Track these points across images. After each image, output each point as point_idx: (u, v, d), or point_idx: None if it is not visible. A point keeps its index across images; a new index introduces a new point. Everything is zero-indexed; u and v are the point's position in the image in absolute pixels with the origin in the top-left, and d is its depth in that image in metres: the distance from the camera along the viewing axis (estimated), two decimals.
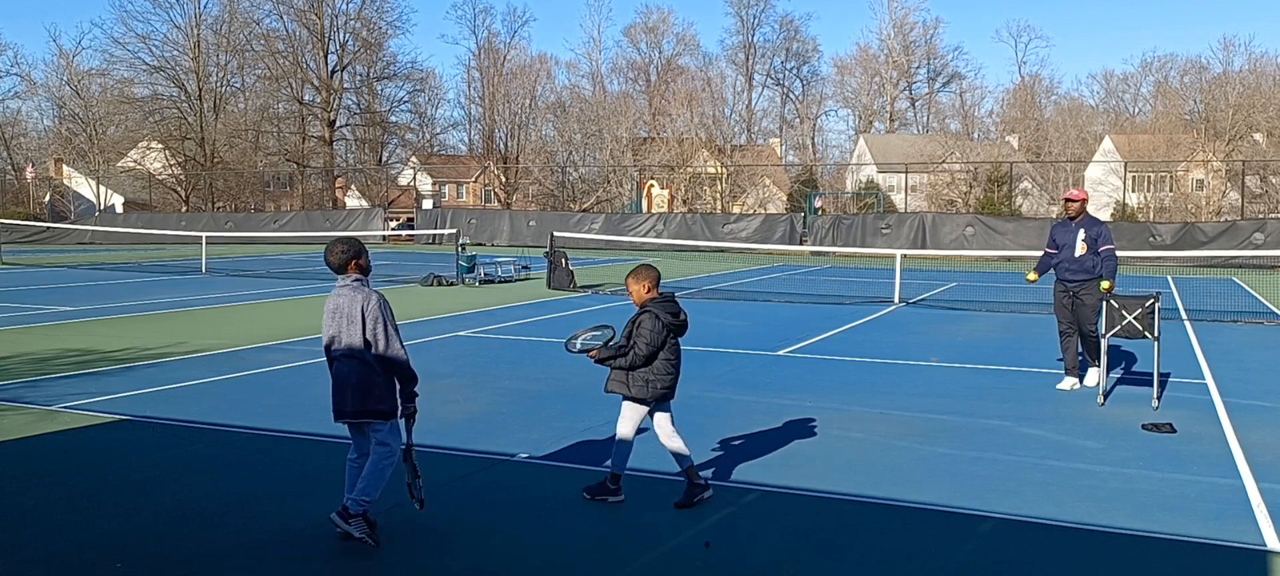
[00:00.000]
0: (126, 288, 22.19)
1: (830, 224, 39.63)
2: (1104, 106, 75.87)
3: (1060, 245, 10.16)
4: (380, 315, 5.34)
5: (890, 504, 6.26)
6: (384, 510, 6.07)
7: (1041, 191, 58.49)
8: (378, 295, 5.37)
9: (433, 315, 16.84)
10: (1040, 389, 10.24)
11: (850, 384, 10.52)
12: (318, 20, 62.77)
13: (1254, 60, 62.09)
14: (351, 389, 5.37)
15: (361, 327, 5.32)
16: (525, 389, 10.01)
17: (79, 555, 5.28)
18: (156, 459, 7.30)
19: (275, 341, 13.32)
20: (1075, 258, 9.99)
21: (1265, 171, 48.01)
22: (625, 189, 55.60)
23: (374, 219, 48.85)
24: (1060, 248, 10.16)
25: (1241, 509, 6.17)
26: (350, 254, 5.46)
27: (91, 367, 11.10)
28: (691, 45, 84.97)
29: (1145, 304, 9.09)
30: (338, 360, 5.42)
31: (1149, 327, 9.07)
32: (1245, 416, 8.83)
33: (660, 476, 6.82)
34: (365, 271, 5.48)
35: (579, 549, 5.48)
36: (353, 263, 5.45)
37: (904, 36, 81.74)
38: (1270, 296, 21.33)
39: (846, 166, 72.03)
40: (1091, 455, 7.48)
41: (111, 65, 64.95)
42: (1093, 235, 9.97)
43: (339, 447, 7.54)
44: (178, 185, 62.01)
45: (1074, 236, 10.03)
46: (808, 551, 5.43)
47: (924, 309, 18.54)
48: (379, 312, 5.34)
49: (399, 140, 70.04)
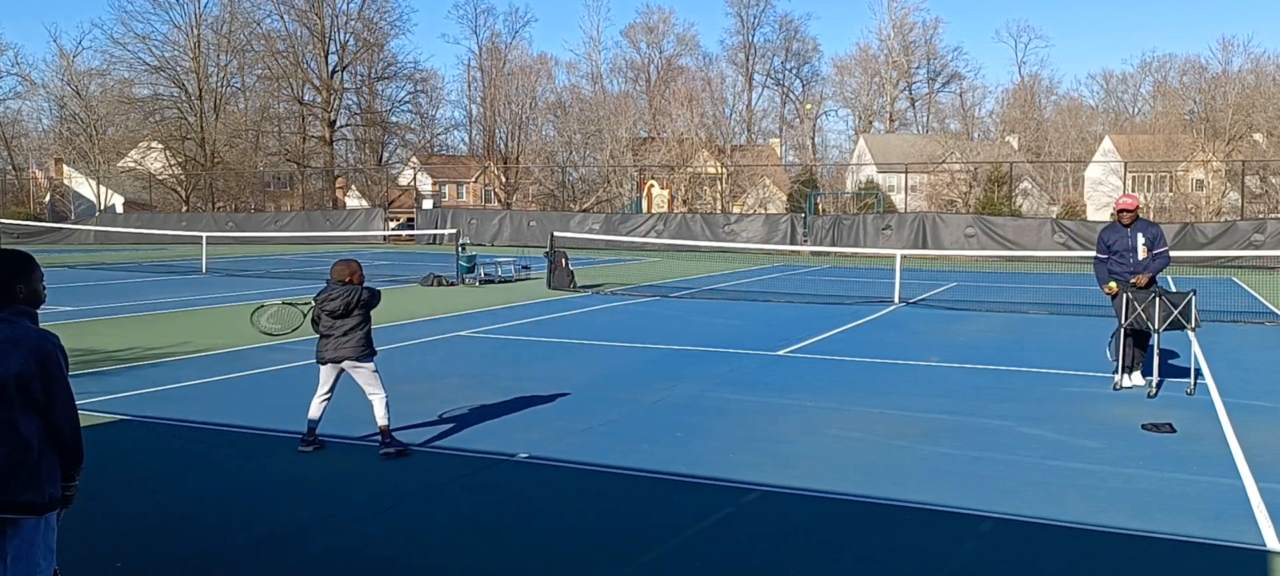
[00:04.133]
0: (127, 287, 22.19)
1: (830, 224, 39.63)
2: (1104, 106, 75.97)
3: (1116, 249, 10.39)
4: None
5: (890, 504, 6.27)
6: (384, 509, 6.08)
7: (1041, 191, 58.51)
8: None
9: (433, 315, 16.84)
10: (1040, 389, 10.24)
11: (850, 384, 10.52)
12: (318, 20, 62.76)
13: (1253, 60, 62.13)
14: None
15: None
16: (525, 389, 10.01)
17: (79, 554, 5.28)
18: (156, 459, 7.31)
19: (275, 341, 13.31)
20: (1139, 260, 10.27)
21: (1265, 171, 48.00)
22: (625, 189, 55.60)
23: (374, 219, 48.89)
24: (1116, 252, 10.39)
25: (1241, 509, 6.18)
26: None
27: (92, 367, 11.11)
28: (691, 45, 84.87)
29: (1186, 299, 9.83)
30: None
31: (1189, 319, 9.78)
32: (1245, 416, 8.84)
33: (660, 476, 6.83)
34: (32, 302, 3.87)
35: (579, 549, 5.48)
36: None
37: (904, 36, 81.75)
38: (1270, 296, 21.33)
39: (846, 166, 72.02)
40: (1091, 455, 7.48)
41: (112, 65, 65.08)
42: (1150, 237, 10.33)
43: (339, 448, 7.56)
44: (178, 185, 62.01)
45: (1134, 240, 10.32)
46: (807, 551, 5.43)
47: (924, 309, 18.54)
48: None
49: (399, 140, 70.11)
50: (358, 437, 7.83)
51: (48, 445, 3.78)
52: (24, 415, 3.71)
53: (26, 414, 3.71)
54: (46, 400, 3.73)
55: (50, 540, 3.81)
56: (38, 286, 3.88)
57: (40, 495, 3.73)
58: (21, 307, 3.82)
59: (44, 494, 3.75)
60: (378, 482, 6.65)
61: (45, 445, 3.77)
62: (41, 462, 3.75)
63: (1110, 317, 16.91)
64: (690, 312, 17.76)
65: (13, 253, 3.91)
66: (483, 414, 8.85)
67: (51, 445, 3.79)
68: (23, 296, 3.82)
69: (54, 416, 3.76)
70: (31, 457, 3.71)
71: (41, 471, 3.74)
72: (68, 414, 3.81)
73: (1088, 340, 14.08)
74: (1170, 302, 9.81)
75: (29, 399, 3.70)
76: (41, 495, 3.74)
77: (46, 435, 3.77)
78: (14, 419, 3.69)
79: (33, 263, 3.91)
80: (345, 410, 8.91)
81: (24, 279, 3.84)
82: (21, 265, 3.85)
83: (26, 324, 3.79)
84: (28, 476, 3.70)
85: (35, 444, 3.73)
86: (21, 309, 3.81)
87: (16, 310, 3.80)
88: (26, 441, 3.71)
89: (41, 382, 3.70)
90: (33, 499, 3.71)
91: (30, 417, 3.72)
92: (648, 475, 6.80)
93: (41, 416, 3.74)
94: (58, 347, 3.79)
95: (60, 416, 3.77)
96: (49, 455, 3.78)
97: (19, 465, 3.69)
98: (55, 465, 3.81)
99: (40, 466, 3.74)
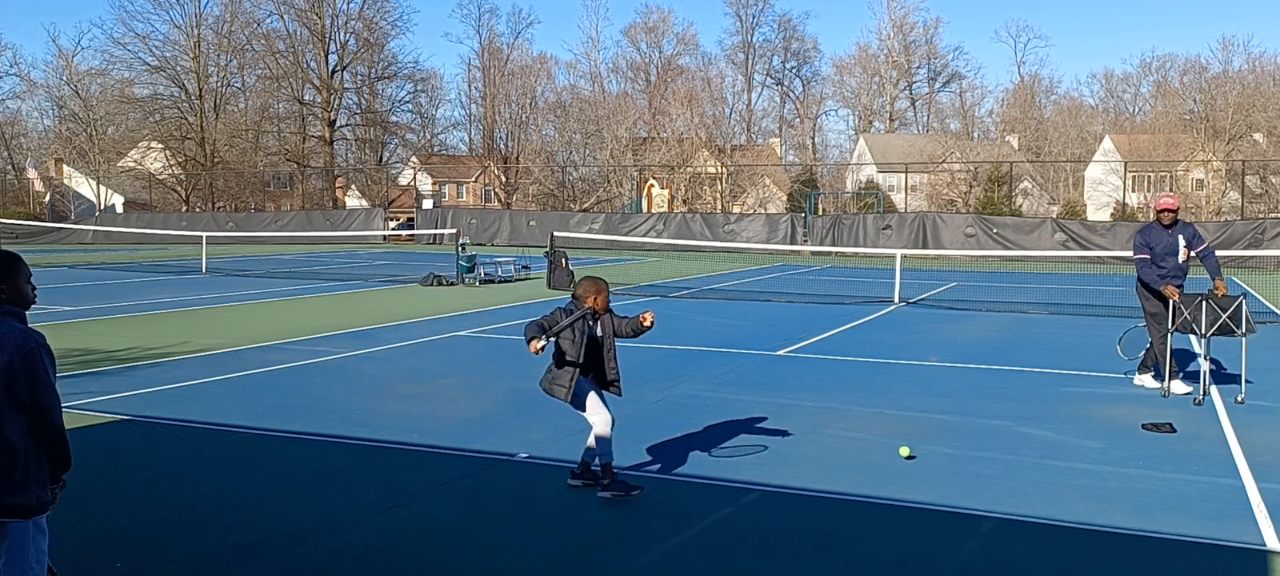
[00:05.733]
0: (127, 287, 22.19)
1: (830, 224, 39.63)
2: (1104, 106, 76.02)
3: (1159, 251, 10.06)
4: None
5: (890, 504, 6.26)
6: (383, 509, 6.08)
7: (1041, 191, 58.52)
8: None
9: (433, 315, 16.83)
10: (1040, 389, 10.24)
11: (850, 383, 10.52)
12: (318, 20, 62.76)
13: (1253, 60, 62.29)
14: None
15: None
16: (525, 389, 10.00)
17: (79, 554, 5.28)
18: (156, 459, 7.31)
19: (275, 341, 13.32)
20: (1181, 263, 9.99)
21: (1265, 171, 48.02)
22: (625, 189, 55.61)
23: (374, 219, 48.89)
24: (1158, 254, 10.08)
25: (1241, 509, 6.17)
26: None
27: (92, 367, 11.10)
28: (691, 45, 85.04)
29: (1235, 303, 9.50)
30: None
31: (1239, 323, 9.47)
32: (1245, 416, 8.84)
33: (660, 476, 6.83)
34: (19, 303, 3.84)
35: (579, 549, 5.48)
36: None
37: (904, 36, 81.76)
38: (1270, 296, 21.32)
39: (846, 166, 72.03)
40: (1091, 455, 7.48)
41: (111, 65, 65.17)
42: (1190, 237, 10.10)
43: (339, 448, 7.56)
44: (178, 185, 62.03)
45: (1176, 242, 10.03)
46: (807, 551, 5.43)
47: (924, 309, 18.54)
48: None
49: (399, 140, 70.14)
50: (358, 438, 7.83)
51: (35, 447, 3.70)
52: (10, 416, 3.63)
53: (12, 415, 3.64)
54: (32, 401, 3.64)
55: (41, 542, 3.76)
56: (23, 286, 3.80)
57: (28, 498, 3.67)
58: (7, 307, 3.74)
59: (31, 497, 3.68)
60: (378, 482, 6.65)
61: (32, 447, 3.69)
62: (29, 465, 3.68)
63: (1111, 318, 16.96)
64: (690, 312, 17.76)
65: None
66: (482, 414, 8.85)
67: (39, 447, 3.71)
68: (6, 296, 3.74)
69: (40, 417, 3.68)
70: (19, 460, 3.64)
71: (30, 474, 3.68)
72: (54, 415, 3.71)
73: (1088, 340, 14.09)
74: (1219, 305, 9.44)
75: (14, 400, 3.63)
76: (29, 498, 3.68)
77: (33, 437, 3.69)
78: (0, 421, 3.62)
79: (18, 262, 3.82)
80: (346, 410, 8.92)
81: (6, 279, 3.76)
82: (4, 265, 3.78)
83: (13, 323, 3.71)
84: (15, 480, 3.64)
85: (22, 446, 3.65)
86: (7, 309, 3.74)
87: (1, 310, 3.72)
88: (13, 444, 3.64)
89: (26, 383, 3.62)
90: (21, 502, 3.66)
91: (16, 419, 3.64)
92: (648, 475, 6.80)
93: (28, 417, 3.66)
94: (42, 346, 3.70)
95: (47, 417, 3.69)
96: (37, 458, 3.71)
97: (7, 469, 3.62)
98: (44, 468, 3.74)
99: (28, 469, 3.67)
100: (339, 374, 10.92)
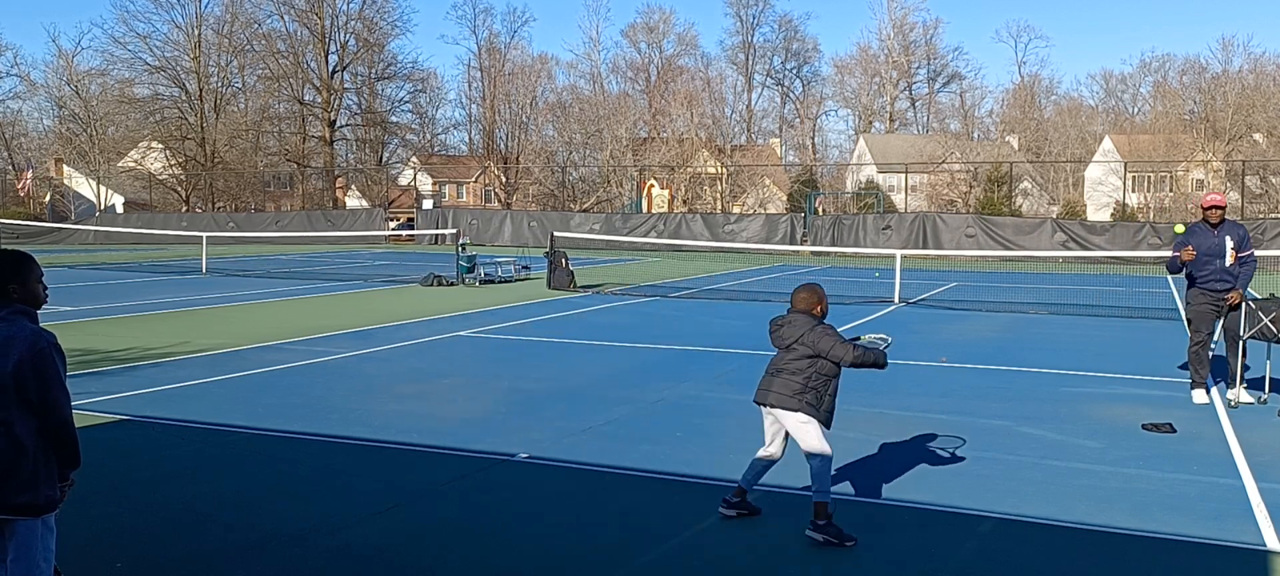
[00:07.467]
0: (127, 287, 22.20)
1: (830, 224, 39.64)
2: (1104, 106, 75.98)
3: (1204, 252, 9.41)
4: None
5: (890, 504, 6.27)
6: (383, 509, 6.08)
7: (1041, 191, 58.51)
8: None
9: (433, 315, 16.83)
10: (1040, 389, 10.24)
11: (850, 384, 10.48)
12: (319, 20, 62.76)
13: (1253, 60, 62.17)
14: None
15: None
16: (525, 389, 10.01)
17: (79, 554, 5.28)
18: (156, 459, 7.31)
19: (275, 341, 13.33)
20: (1226, 266, 9.38)
21: (1265, 171, 48.01)
22: (625, 189, 55.61)
23: (374, 219, 48.90)
24: (1205, 255, 9.43)
25: (1241, 509, 6.18)
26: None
27: (92, 367, 11.11)
28: (691, 45, 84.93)
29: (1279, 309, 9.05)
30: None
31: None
32: (1245, 416, 8.83)
33: (660, 476, 6.83)
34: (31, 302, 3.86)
35: (579, 549, 5.48)
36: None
37: (904, 36, 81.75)
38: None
39: (846, 166, 72.03)
40: (1091, 455, 7.48)
41: (111, 65, 65.14)
42: (1238, 239, 9.44)
43: (339, 448, 7.56)
44: (178, 185, 62.03)
45: (1222, 243, 9.40)
46: (808, 551, 5.43)
47: (924, 309, 18.54)
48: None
49: (399, 140, 70.13)
50: (358, 438, 7.83)
51: (44, 446, 3.71)
52: (20, 415, 3.64)
53: (22, 414, 3.65)
54: (42, 399, 3.65)
55: (49, 542, 3.77)
56: (34, 286, 3.82)
57: (37, 497, 3.68)
58: (18, 307, 3.75)
59: (41, 495, 3.69)
60: (378, 482, 6.65)
61: (42, 446, 3.70)
62: (38, 464, 3.69)
63: (1110, 318, 16.96)
64: (690, 312, 17.76)
65: (7, 252, 3.84)
66: (482, 414, 8.85)
67: (48, 446, 3.73)
68: (17, 296, 3.76)
69: (50, 416, 3.69)
70: (28, 459, 3.65)
71: (39, 473, 3.68)
72: (64, 414, 3.72)
73: (1088, 340, 14.09)
74: (1260, 310, 9.02)
75: (25, 399, 3.64)
76: (38, 496, 3.68)
77: (43, 436, 3.70)
78: (10, 419, 3.64)
79: (29, 262, 3.83)
80: (346, 410, 8.92)
81: (17, 279, 3.77)
82: (15, 264, 3.79)
83: (24, 322, 3.73)
84: (24, 478, 3.65)
85: (31, 445, 3.66)
86: (18, 308, 3.75)
87: (13, 310, 3.74)
88: (22, 442, 3.65)
89: (36, 382, 3.63)
90: (30, 500, 3.66)
91: (26, 418, 3.66)
92: (648, 475, 6.80)
93: (38, 417, 3.67)
94: (54, 346, 3.71)
95: (56, 416, 3.70)
96: (46, 456, 3.72)
97: (15, 466, 3.63)
98: (53, 467, 3.75)
99: (37, 468, 3.68)
100: (339, 374, 10.92)
